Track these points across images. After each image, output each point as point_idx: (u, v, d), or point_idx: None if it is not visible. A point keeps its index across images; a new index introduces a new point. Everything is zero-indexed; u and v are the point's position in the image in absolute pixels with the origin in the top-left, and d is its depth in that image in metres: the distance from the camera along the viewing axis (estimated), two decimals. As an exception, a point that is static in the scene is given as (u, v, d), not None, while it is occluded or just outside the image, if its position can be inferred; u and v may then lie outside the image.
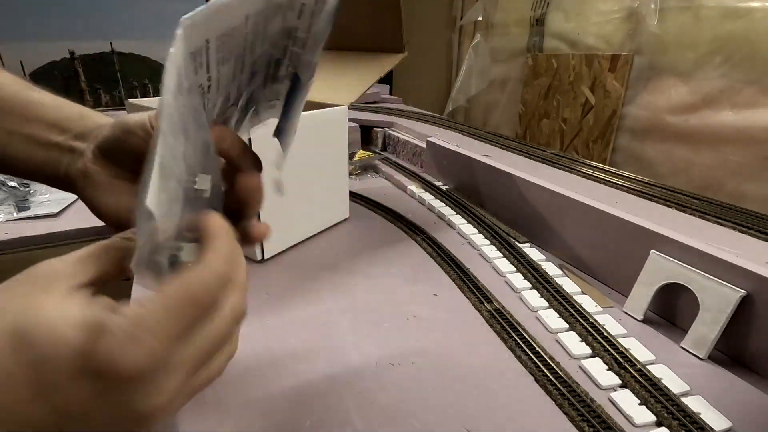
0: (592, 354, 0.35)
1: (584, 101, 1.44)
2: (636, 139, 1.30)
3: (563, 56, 1.49)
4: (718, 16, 1.04)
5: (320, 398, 0.30)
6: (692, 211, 0.50)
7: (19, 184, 0.65)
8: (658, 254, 0.39)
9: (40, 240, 0.55)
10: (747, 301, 0.33)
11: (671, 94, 1.18)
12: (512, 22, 1.74)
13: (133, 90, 1.75)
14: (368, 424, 0.28)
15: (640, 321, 0.40)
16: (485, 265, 0.49)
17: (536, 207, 0.53)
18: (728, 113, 1.06)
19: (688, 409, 0.29)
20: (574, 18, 1.45)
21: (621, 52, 1.29)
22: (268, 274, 0.47)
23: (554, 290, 0.42)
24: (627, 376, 0.32)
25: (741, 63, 1.02)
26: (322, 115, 0.52)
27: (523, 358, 0.34)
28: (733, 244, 0.39)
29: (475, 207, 0.61)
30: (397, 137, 0.92)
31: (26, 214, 0.60)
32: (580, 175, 0.63)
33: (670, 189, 0.57)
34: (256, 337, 0.36)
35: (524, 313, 0.40)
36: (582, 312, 0.39)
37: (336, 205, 0.59)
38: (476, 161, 0.64)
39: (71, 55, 1.58)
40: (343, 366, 0.33)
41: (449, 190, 0.68)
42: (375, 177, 0.81)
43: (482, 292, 0.43)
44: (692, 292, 0.36)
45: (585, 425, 0.28)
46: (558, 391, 0.31)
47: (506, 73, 1.83)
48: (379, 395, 0.30)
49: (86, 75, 1.64)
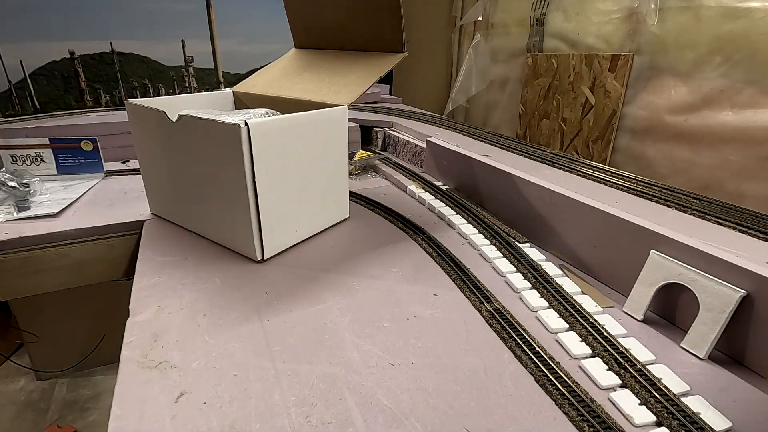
0: (592, 354, 0.35)
1: (584, 101, 1.44)
2: (636, 139, 1.30)
3: (563, 56, 1.49)
4: (718, 16, 1.04)
5: (320, 398, 0.30)
6: (692, 211, 0.50)
7: (19, 184, 0.65)
8: (658, 254, 0.39)
9: (40, 240, 0.55)
10: (747, 301, 0.33)
11: (671, 94, 1.18)
12: (512, 22, 1.74)
13: (133, 90, 1.75)
14: (368, 424, 0.28)
15: (640, 321, 0.40)
16: (485, 265, 0.49)
17: (536, 207, 0.53)
18: (728, 113, 1.06)
19: (688, 409, 0.29)
20: (574, 18, 1.45)
21: (621, 52, 1.29)
22: (268, 274, 0.47)
23: (554, 290, 0.42)
24: (627, 376, 0.32)
25: (741, 63, 1.02)
26: (322, 115, 0.52)
27: (523, 358, 0.34)
28: (733, 244, 0.39)
29: (475, 207, 0.61)
30: (397, 137, 0.92)
31: (26, 214, 0.60)
32: (580, 175, 0.63)
33: (670, 189, 0.57)
34: (256, 337, 0.36)
35: (524, 313, 0.40)
36: (582, 312, 0.39)
37: (336, 205, 0.59)
38: (476, 161, 0.64)
39: (71, 55, 1.58)
40: (343, 366, 0.33)
41: (449, 190, 0.68)
42: (375, 177, 0.81)
43: (482, 292, 0.43)
44: (692, 292, 0.36)
45: (585, 425, 0.28)
46: (558, 391, 0.31)
47: (506, 73, 1.83)
48: (379, 395, 0.30)
49: (86, 75, 1.64)
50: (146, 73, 1.75)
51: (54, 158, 0.75)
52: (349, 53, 0.62)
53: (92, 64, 1.64)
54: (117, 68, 1.68)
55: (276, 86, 0.63)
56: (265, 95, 0.63)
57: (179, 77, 1.82)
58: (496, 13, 1.82)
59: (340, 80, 0.58)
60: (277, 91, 0.62)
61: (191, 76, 1.83)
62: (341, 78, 0.59)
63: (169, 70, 1.79)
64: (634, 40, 1.26)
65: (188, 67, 1.82)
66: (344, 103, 0.54)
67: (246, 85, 0.67)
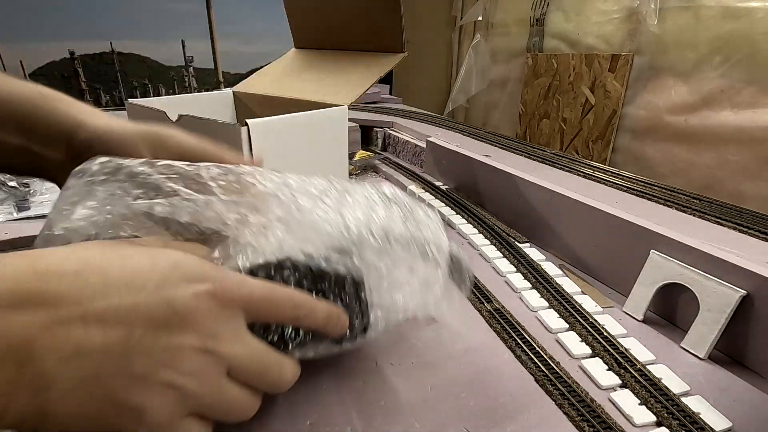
0: (592, 354, 0.35)
1: (584, 101, 1.44)
2: (636, 139, 1.30)
3: (563, 56, 1.49)
4: (718, 16, 1.04)
5: (320, 398, 0.30)
6: (692, 211, 0.50)
7: (19, 184, 0.65)
8: (658, 254, 0.39)
9: (40, 240, 0.55)
10: (747, 301, 0.33)
11: (671, 94, 1.18)
12: (512, 22, 1.74)
13: (133, 90, 1.75)
14: (368, 424, 0.28)
15: (640, 321, 0.40)
16: (485, 265, 0.49)
17: (536, 207, 0.53)
18: (728, 113, 1.06)
19: (688, 409, 0.29)
20: (574, 18, 1.45)
21: (621, 52, 1.29)
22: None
23: (554, 290, 0.42)
24: (627, 376, 0.32)
25: (741, 63, 1.02)
26: (322, 115, 0.52)
27: (523, 358, 0.34)
28: (733, 244, 0.39)
29: (475, 207, 0.61)
30: (397, 137, 0.92)
31: (26, 214, 0.60)
32: (580, 175, 0.63)
33: (670, 189, 0.57)
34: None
35: (524, 313, 0.40)
36: (582, 312, 0.39)
37: (336, 205, 0.59)
38: (476, 161, 0.64)
39: (71, 55, 1.58)
40: (343, 366, 0.33)
41: (449, 190, 0.68)
42: (375, 177, 0.80)
43: (482, 291, 0.43)
44: (692, 292, 0.36)
45: (585, 425, 0.28)
46: (558, 391, 0.31)
47: (506, 73, 1.83)
48: (379, 395, 0.30)
49: (86, 75, 1.64)
50: (146, 73, 1.75)
51: (54, 158, 0.75)
52: (349, 53, 0.62)
53: (92, 64, 1.64)
54: (117, 68, 1.68)
55: (276, 86, 0.63)
56: (265, 95, 0.63)
57: (179, 77, 1.82)
58: (496, 13, 1.82)
59: (340, 80, 0.58)
60: (277, 91, 0.62)
61: (191, 76, 1.83)
62: (341, 78, 0.59)
63: (169, 70, 1.79)
64: (634, 40, 1.26)
65: (188, 67, 1.82)
66: (344, 103, 0.54)
67: (246, 85, 0.67)
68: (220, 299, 0.20)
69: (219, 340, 0.20)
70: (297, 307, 0.23)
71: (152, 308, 0.19)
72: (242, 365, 0.21)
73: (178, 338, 0.19)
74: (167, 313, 0.19)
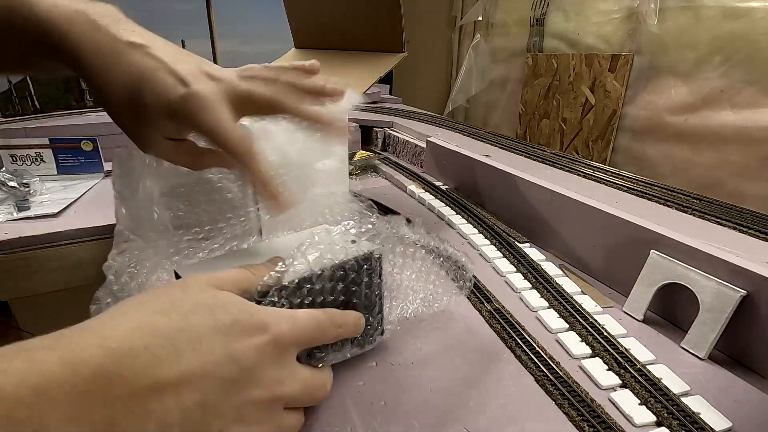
0: (592, 354, 0.35)
1: (584, 101, 1.44)
2: (636, 139, 1.30)
3: (563, 56, 1.49)
4: (718, 16, 1.04)
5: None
6: (692, 211, 0.50)
7: (19, 184, 0.65)
8: (658, 254, 0.39)
9: (40, 240, 0.55)
10: (747, 301, 0.33)
11: (671, 94, 1.18)
12: (512, 22, 1.74)
13: (133, 90, 1.75)
14: (368, 424, 0.28)
15: (640, 321, 0.40)
16: (485, 265, 0.49)
17: (536, 207, 0.53)
18: (728, 113, 1.06)
19: (688, 409, 0.29)
20: (574, 18, 1.45)
21: (621, 52, 1.29)
22: (268, 274, 0.47)
23: (554, 290, 0.42)
24: (627, 376, 0.32)
25: (741, 63, 1.02)
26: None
27: (523, 357, 0.34)
28: (733, 244, 0.39)
29: (475, 207, 0.61)
30: (397, 137, 0.92)
31: (26, 214, 0.60)
32: (580, 175, 0.63)
33: (670, 189, 0.57)
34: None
35: (524, 313, 0.40)
36: (582, 312, 0.39)
37: (336, 205, 0.59)
38: (476, 161, 0.64)
39: (71, 55, 1.58)
40: (343, 366, 0.33)
41: (449, 190, 0.68)
42: (375, 177, 0.80)
43: (482, 291, 0.43)
44: (692, 292, 0.36)
45: (585, 425, 0.28)
46: (558, 391, 0.31)
47: (506, 73, 1.83)
48: (379, 395, 0.30)
49: (86, 75, 1.63)
50: (146, 73, 1.75)
51: (54, 158, 0.75)
52: (349, 53, 0.62)
53: (92, 64, 1.64)
54: (117, 68, 1.68)
55: (276, 86, 0.63)
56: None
57: (179, 77, 1.81)
58: (496, 13, 1.82)
59: (340, 80, 0.58)
60: (277, 91, 0.62)
61: (191, 76, 1.82)
62: (341, 78, 0.58)
63: (169, 70, 1.79)
64: (634, 40, 1.26)
65: (188, 67, 1.82)
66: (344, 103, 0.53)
67: (246, 85, 0.67)
68: (279, 346, 0.23)
69: (281, 384, 0.23)
70: (338, 326, 0.27)
71: (221, 369, 0.20)
72: (298, 397, 0.24)
73: (247, 394, 0.21)
74: (235, 371, 0.21)
